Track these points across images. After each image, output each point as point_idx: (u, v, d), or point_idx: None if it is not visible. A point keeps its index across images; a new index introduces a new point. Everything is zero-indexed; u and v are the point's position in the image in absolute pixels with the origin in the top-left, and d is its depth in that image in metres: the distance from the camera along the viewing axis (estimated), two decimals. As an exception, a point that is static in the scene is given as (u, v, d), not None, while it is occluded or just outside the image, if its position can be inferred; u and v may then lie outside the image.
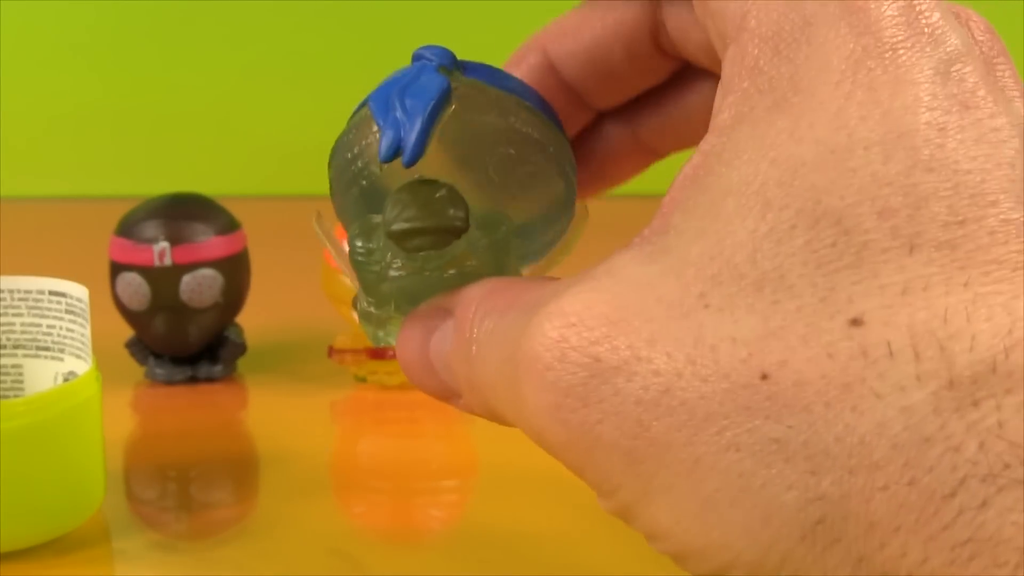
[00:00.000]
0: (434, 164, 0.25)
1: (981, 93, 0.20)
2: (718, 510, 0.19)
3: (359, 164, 0.26)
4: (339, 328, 0.57)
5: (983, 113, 0.20)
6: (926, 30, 0.20)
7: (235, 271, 0.56)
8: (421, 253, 0.26)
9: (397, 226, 0.25)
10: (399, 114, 0.24)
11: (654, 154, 0.30)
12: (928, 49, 0.20)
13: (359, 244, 0.26)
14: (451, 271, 0.26)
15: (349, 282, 0.29)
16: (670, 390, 0.20)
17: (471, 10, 0.91)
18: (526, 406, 0.22)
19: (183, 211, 0.56)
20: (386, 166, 0.25)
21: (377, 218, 0.26)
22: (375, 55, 0.94)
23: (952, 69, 0.20)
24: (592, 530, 0.44)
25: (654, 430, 0.20)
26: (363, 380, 0.57)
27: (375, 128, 0.25)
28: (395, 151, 0.24)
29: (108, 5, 0.93)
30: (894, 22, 0.20)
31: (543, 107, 0.27)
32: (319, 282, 0.57)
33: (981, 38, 0.21)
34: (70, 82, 0.94)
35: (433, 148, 0.25)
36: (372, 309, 0.27)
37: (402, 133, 0.24)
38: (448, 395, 0.25)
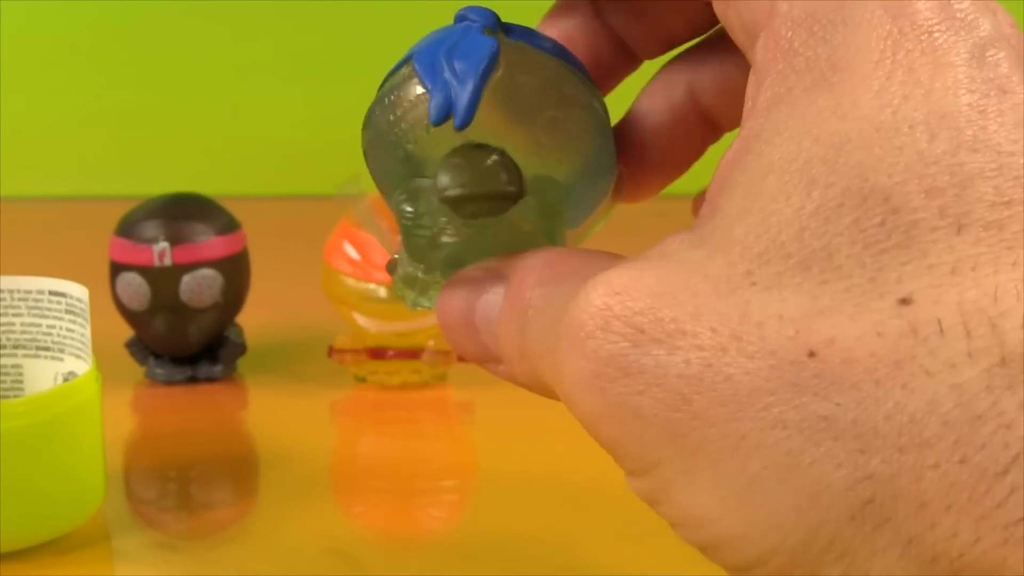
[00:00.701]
0: (483, 127, 0.25)
1: (1016, 79, 0.20)
2: (765, 489, 0.19)
3: (403, 127, 0.25)
4: (339, 328, 0.57)
5: (1019, 98, 0.20)
6: (958, 15, 0.20)
7: (235, 271, 0.56)
8: (476, 220, 0.25)
9: (452, 192, 0.25)
10: (448, 76, 0.24)
11: (715, 127, 0.29)
12: (962, 33, 0.20)
13: (408, 209, 0.26)
14: (505, 237, 0.25)
15: (382, 246, 0.28)
16: (713, 365, 0.19)
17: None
18: (564, 375, 0.21)
19: (183, 211, 0.56)
20: (434, 129, 0.24)
21: (424, 182, 0.26)
22: (375, 55, 0.94)
23: (987, 54, 0.20)
24: (592, 531, 0.44)
25: (696, 404, 0.19)
26: (363, 380, 0.57)
27: (420, 90, 0.25)
28: (446, 114, 0.24)
29: (108, 5, 0.93)
30: (927, 6, 0.20)
31: (580, 69, 0.26)
32: (319, 282, 0.57)
33: (1008, 31, 0.21)
34: (70, 82, 0.94)
35: (482, 110, 0.24)
36: (419, 274, 0.26)
37: (453, 96, 0.24)
38: (487, 359, 0.25)
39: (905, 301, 0.19)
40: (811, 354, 0.19)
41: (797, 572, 0.19)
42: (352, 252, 0.55)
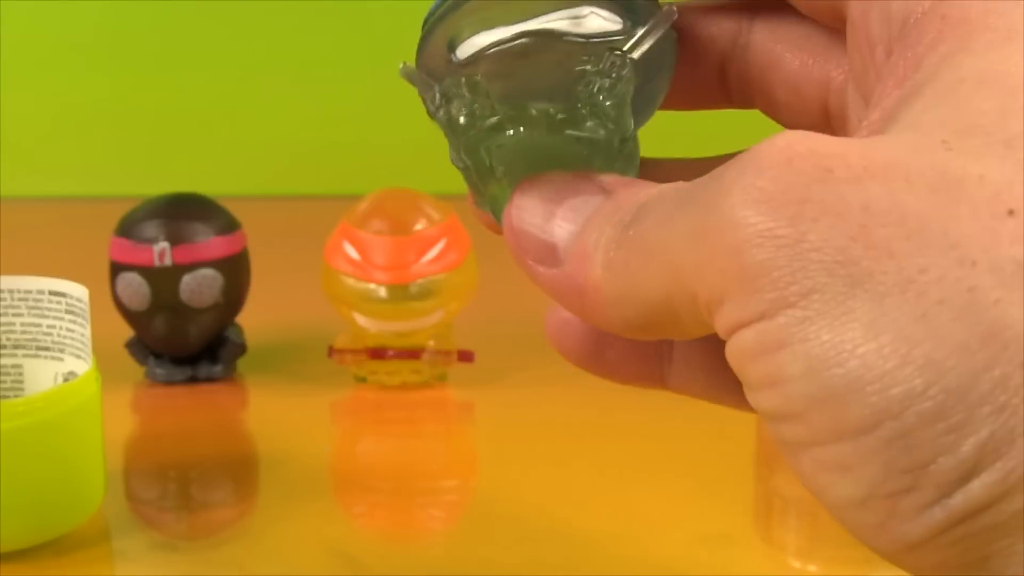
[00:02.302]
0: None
1: None
2: (934, 323, 0.18)
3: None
4: (339, 328, 0.57)
5: None
6: None
7: (235, 271, 0.56)
8: (540, 108, 0.24)
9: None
10: None
11: (733, 96, 0.27)
12: None
13: (470, 101, 0.25)
14: (571, 131, 0.24)
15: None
16: (904, 203, 0.19)
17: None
18: (729, 196, 0.20)
19: (183, 211, 0.56)
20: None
21: (478, 76, 0.25)
22: (375, 55, 0.94)
23: None
24: (592, 531, 0.44)
25: (877, 235, 0.18)
26: (363, 380, 0.57)
27: None
28: None
29: (109, 5, 0.93)
30: None
31: None
32: (319, 282, 0.57)
33: None
34: (70, 82, 0.94)
35: None
36: (474, 170, 0.25)
37: None
38: (548, 258, 0.23)
39: None
40: (1011, 212, 0.18)
41: (939, 424, 0.18)
42: (352, 252, 0.55)
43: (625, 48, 0.24)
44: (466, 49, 0.26)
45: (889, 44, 0.22)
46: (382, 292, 0.54)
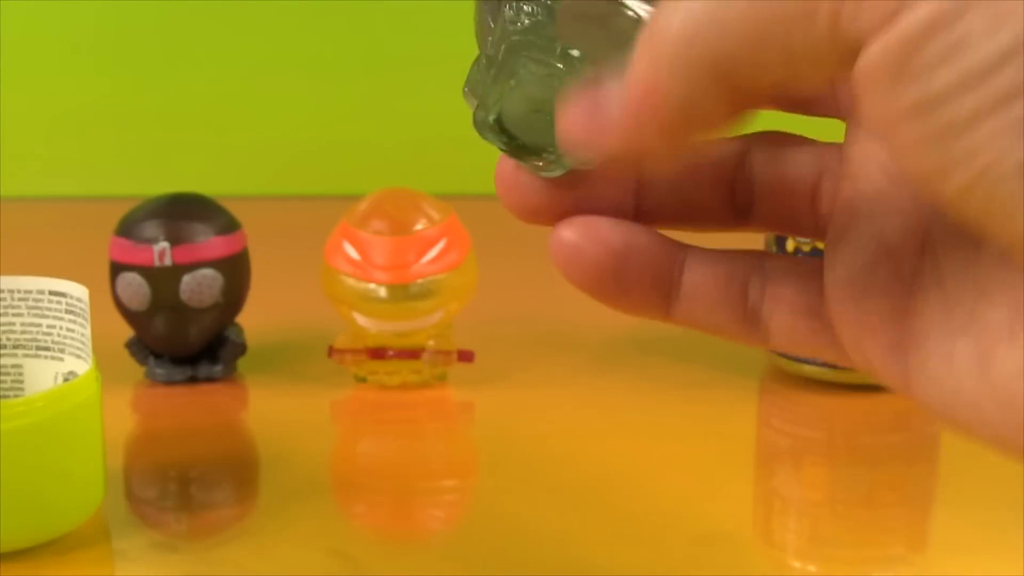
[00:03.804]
0: None
1: None
2: None
3: None
4: (339, 328, 0.57)
5: None
6: None
7: (235, 271, 0.56)
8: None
9: None
10: None
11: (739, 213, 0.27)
12: None
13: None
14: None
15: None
16: None
17: (472, 11, 0.91)
18: None
19: (183, 211, 0.56)
20: None
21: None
22: (375, 55, 0.94)
23: None
24: (592, 530, 0.44)
25: None
26: (363, 380, 0.57)
27: None
28: None
29: (109, 5, 0.93)
30: None
31: None
32: (319, 282, 0.57)
33: None
34: (70, 82, 0.94)
35: None
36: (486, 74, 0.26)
37: None
38: (598, 130, 0.23)
39: None
40: None
41: None
42: (352, 252, 0.55)
43: None
44: None
45: None
46: (382, 292, 0.54)
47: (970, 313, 0.22)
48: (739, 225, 0.27)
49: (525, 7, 0.26)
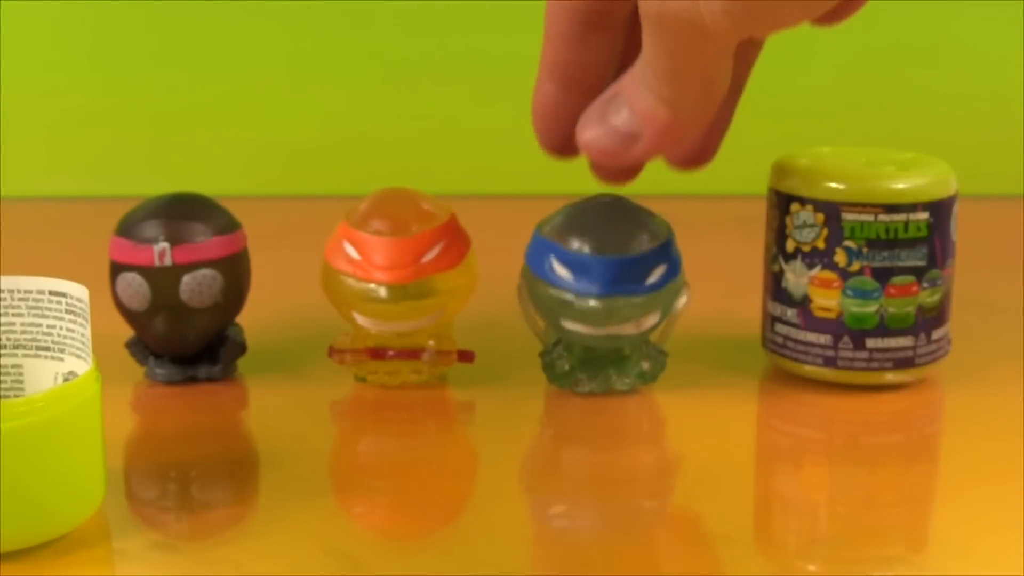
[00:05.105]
0: None
1: None
2: None
3: None
4: (339, 328, 0.57)
5: None
6: None
7: (235, 271, 0.56)
8: None
9: None
10: None
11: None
12: None
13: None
14: None
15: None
16: None
17: (472, 11, 0.91)
18: None
19: (183, 211, 0.56)
20: None
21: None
22: (375, 55, 0.94)
23: None
24: (592, 530, 0.44)
25: None
26: (363, 380, 0.57)
27: None
28: None
29: (108, 5, 0.93)
30: None
31: None
32: (319, 282, 0.57)
33: None
34: (70, 82, 0.94)
35: None
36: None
37: None
38: (625, 136, 0.25)
39: None
40: None
41: None
42: (352, 252, 0.55)
43: None
44: None
45: None
46: (382, 292, 0.54)
47: None
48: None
49: None
